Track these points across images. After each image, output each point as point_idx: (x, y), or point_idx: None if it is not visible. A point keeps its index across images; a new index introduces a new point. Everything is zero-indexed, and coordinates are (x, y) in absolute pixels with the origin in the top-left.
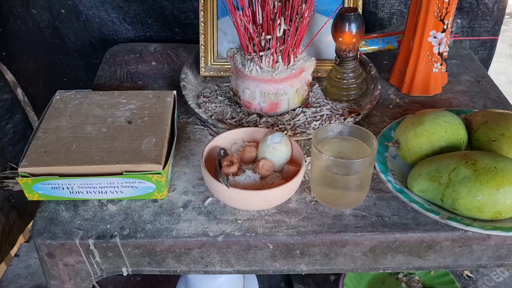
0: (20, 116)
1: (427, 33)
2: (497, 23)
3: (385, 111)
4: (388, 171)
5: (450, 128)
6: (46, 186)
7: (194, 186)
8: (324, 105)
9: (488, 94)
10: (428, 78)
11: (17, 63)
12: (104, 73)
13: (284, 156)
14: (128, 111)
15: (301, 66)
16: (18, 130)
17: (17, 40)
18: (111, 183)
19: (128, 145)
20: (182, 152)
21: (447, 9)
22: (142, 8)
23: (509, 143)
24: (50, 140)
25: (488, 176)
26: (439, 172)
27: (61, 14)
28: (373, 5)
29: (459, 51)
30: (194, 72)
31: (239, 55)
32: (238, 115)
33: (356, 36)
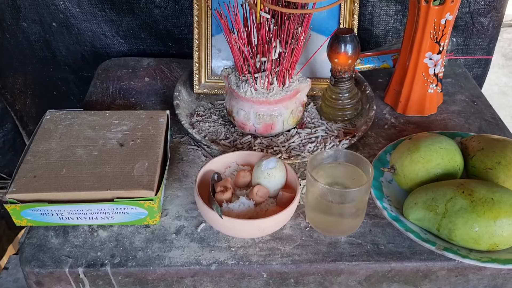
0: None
1: (422, 55)
2: (492, 41)
3: (380, 131)
4: (384, 197)
5: (447, 155)
6: (35, 212)
7: (187, 211)
8: (319, 125)
9: (483, 115)
10: (424, 99)
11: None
12: (96, 89)
13: (279, 182)
14: (120, 133)
15: (296, 88)
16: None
17: (5, 55)
18: (102, 209)
19: (120, 170)
20: (175, 174)
21: (443, 32)
22: (135, 22)
23: (505, 172)
24: (40, 164)
25: (485, 207)
26: (435, 201)
27: (53, 28)
28: (369, 22)
29: (454, 69)
30: (187, 89)
31: (233, 76)
32: (232, 135)
33: (351, 58)
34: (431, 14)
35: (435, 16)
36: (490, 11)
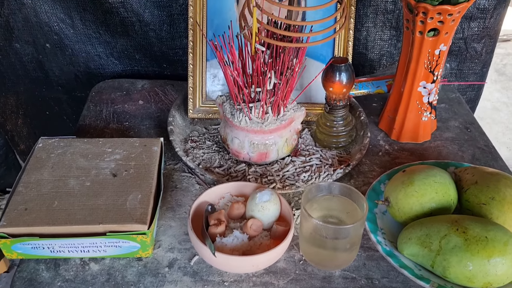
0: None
1: (417, 83)
2: (485, 66)
3: (374, 158)
4: (378, 230)
5: (441, 189)
6: (26, 246)
7: (180, 242)
8: (313, 153)
9: (476, 143)
10: (418, 126)
11: None
12: (90, 112)
13: (273, 215)
14: (113, 162)
15: (291, 117)
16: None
17: None
18: (94, 243)
19: (113, 202)
20: (169, 202)
21: (437, 62)
22: (130, 44)
23: (499, 208)
24: (31, 195)
25: (479, 246)
26: (429, 238)
27: (46, 49)
28: (363, 46)
29: (447, 94)
30: (182, 113)
31: (228, 104)
32: (226, 163)
33: (346, 86)
34: (426, 45)
35: (429, 47)
36: (483, 37)
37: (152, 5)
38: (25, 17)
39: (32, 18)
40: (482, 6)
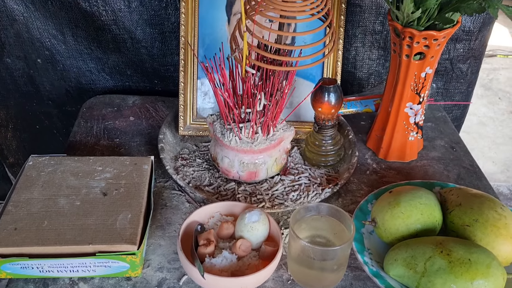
0: None
1: (403, 104)
2: (470, 85)
3: (362, 177)
4: (365, 250)
5: (426, 210)
6: (15, 266)
7: (169, 262)
8: (302, 172)
9: (461, 162)
10: (404, 146)
11: None
12: (80, 128)
13: (261, 235)
14: (103, 181)
15: (280, 137)
16: None
17: None
18: (84, 263)
19: (102, 222)
20: (158, 221)
21: (423, 84)
22: (122, 60)
23: (482, 230)
24: (21, 215)
25: (463, 268)
26: (415, 259)
27: (37, 64)
28: (352, 65)
29: (434, 113)
30: (172, 131)
31: (218, 123)
32: (216, 181)
33: (335, 107)
34: (412, 68)
35: (415, 70)
36: (468, 58)
37: (144, 23)
38: (17, 33)
39: (24, 33)
40: (467, 29)
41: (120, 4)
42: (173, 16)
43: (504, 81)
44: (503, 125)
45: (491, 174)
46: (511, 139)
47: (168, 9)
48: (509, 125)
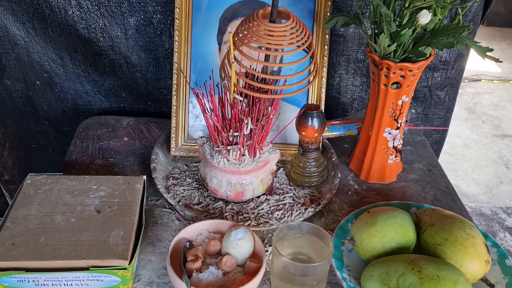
0: None
1: (382, 129)
2: (448, 111)
3: (344, 198)
4: (344, 267)
5: (401, 230)
6: (12, 279)
7: (159, 276)
8: (287, 192)
9: (438, 185)
10: (384, 168)
11: None
12: (76, 148)
13: (246, 252)
14: (97, 199)
15: (266, 159)
16: None
17: None
18: (77, 277)
19: (96, 238)
20: (149, 237)
21: (401, 111)
22: (117, 83)
23: (452, 248)
24: (19, 231)
25: (432, 284)
26: (389, 275)
27: (36, 85)
28: (336, 91)
29: (413, 137)
30: (164, 151)
31: (208, 145)
32: (205, 200)
33: (318, 131)
34: (389, 96)
35: (393, 98)
36: (446, 86)
37: (139, 49)
38: (18, 56)
39: (24, 57)
40: (444, 59)
41: (117, 31)
42: (167, 43)
43: (487, 105)
44: (486, 148)
45: (474, 195)
46: (493, 162)
47: (163, 36)
48: (492, 148)
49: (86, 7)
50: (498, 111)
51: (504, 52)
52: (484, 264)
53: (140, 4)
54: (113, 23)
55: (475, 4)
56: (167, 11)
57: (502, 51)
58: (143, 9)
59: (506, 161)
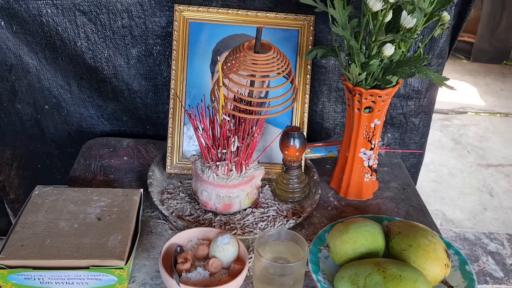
0: None
1: (358, 150)
2: (423, 137)
3: (324, 212)
4: (320, 271)
5: (370, 237)
6: (20, 277)
7: (152, 278)
8: (271, 206)
9: (411, 202)
10: (361, 186)
11: None
12: (80, 165)
13: (231, 255)
14: (98, 208)
15: (251, 174)
16: None
17: None
18: (78, 276)
19: (96, 241)
20: (144, 245)
21: (374, 133)
22: (119, 107)
23: (415, 253)
24: (27, 234)
25: (394, 282)
26: (357, 276)
27: (44, 109)
28: (320, 117)
29: (390, 160)
30: (160, 169)
31: (199, 162)
32: (196, 212)
33: (299, 151)
34: (363, 119)
35: (366, 121)
36: (419, 113)
37: (140, 77)
38: (29, 83)
39: (35, 83)
40: (416, 88)
41: (120, 61)
42: (165, 72)
43: (473, 136)
44: (471, 177)
45: (459, 221)
46: (478, 190)
47: (161, 66)
48: (476, 176)
49: (94, 39)
50: (483, 142)
51: (489, 86)
52: (444, 268)
53: (142, 37)
54: (117, 54)
55: (441, 39)
56: (166, 44)
57: (488, 86)
58: (144, 42)
59: (490, 189)
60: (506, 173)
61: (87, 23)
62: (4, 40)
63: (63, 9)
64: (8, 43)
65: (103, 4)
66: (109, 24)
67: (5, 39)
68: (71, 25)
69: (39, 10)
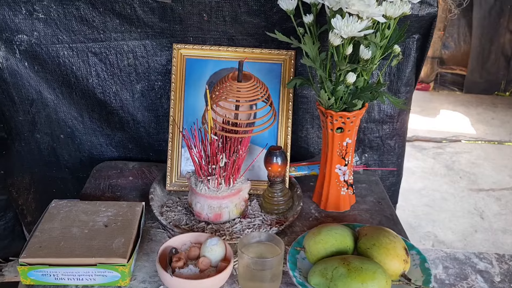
0: (12, 215)
1: (334, 166)
2: (399, 157)
3: (305, 222)
4: (296, 269)
5: (339, 238)
6: (37, 273)
7: (150, 277)
8: (257, 216)
9: (384, 213)
10: (338, 199)
11: (13, 177)
12: (91, 184)
13: (219, 255)
14: (105, 217)
15: (239, 187)
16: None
17: (18, 159)
18: (87, 272)
19: (103, 244)
20: (145, 250)
21: (346, 150)
22: (125, 136)
23: (377, 251)
24: (45, 238)
25: (356, 273)
26: (326, 269)
27: (60, 139)
28: (304, 142)
29: (369, 177)
30: (161, 186)
31: (193, 177)
32: (191, 222)
33: (281, 167)
34: (336, 138)
35: (338, 140)
36: (394, 136)
37: (143, 109)
38: (47, 115)
39: (53, 115)
40: (389, 114)
41: (126, 95)
42: (165, 104)
43: (465, 163)
44: (463, 201)
45: (450, 242)
46: (469, 213)
47: (162, 99)
48: (468, 200)
49: (103, 77)
50: (475, 168)
51: (481, 115)
52: (403, 263)
53: (145, 74)
54: (123, 89)
55: (407, 70)
56: (166, 79)
57: (479, 115)
58: (147, 78)
59: (481, 212)
60: (497, 197)
61: (98, 62)
62: (27, 78)
63: (77, 51)
64: (30, 81)
65: (112, 46)
66: (117, 63)
67: (27, 78)
68: (84, 65)
69: (57, 53)
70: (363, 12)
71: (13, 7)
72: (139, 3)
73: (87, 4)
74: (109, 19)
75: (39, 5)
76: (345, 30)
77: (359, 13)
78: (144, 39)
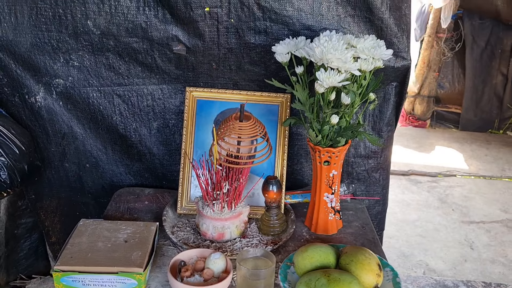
0: (37, 236)
1: (322, 194)
2: (384, 188)
3: (298, 243)
4: (286, 281)
5: (323, 255)
6: (68, 279)
7: (162, 286)
8: (255, 236)
9: (367, 236)
10: (327, 223)
11: (42, 201)
12: (112, 207)
13: (220, 268)
14: (125, 234)
15: (240, 211)
16: (33, 247)
17: (48, 185)
18: (110, 279)
19: (123, 256)
20: (157, 263)
21: (333, 181)
22: (142, 167)
23: (355, 266)
24: (75, 250)
25: (335, 283)
26: (310, 280)
27: (86, 167)
28: (300, 174)
29: (356, 206)
30: (173, 210)
31: (201, 202)
32: (198, 240)
33: (276, 194)
34: (323, 170)
35: (326, 172)
36: (378, 169)
37: (159, 143)
38: (76, 147)
39: (80, 147)
40: (374, 150)
41: (144, 131)
42: (178, 139)
43: (458, 196)
44: (454, 232)
45: (441, 271)
46: (459, 243)
47: (175, 135)
48: (459, 232)
49: (125, 115)
50: (467, 201)
51: (475, 152)
52: (376, 276)
53: (161, 113)
54: (142, 126)
55: (388, 112)
56: (179, 118)
57: (473, 152)
58: (163, 117)
59: (471, 243)
60: (487, 229)
61: (121, 103)
62: (61, 115)
63: (104, 94)
64: (63, 117)
65: (134, 89)
66: (137, 104)
67: (61, 114)
68: (109, 105)
69: (87, 94)
70: (341, 67)
71: (53, 56)
72: (158, 54)
73: (115, 55)
74: (133, 66)
75: (75, 55)
76: (327, 81)
77: (339, 68)
78: (162, 83)
